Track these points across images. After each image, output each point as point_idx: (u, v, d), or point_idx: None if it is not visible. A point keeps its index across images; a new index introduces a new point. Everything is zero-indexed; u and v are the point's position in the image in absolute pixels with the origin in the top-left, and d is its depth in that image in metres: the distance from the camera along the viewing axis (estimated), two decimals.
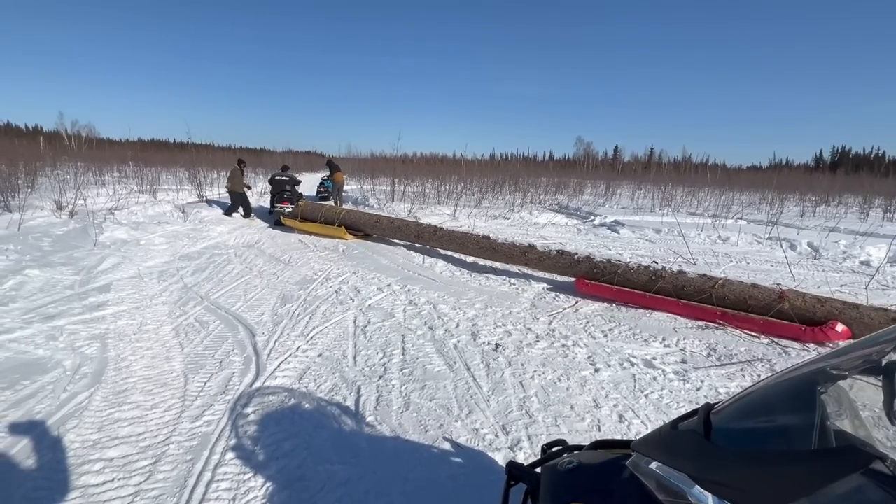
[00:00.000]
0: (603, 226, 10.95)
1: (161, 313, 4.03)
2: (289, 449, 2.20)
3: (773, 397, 0.86)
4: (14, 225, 6.87)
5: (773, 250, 8.23)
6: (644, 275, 4.78)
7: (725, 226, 10.86)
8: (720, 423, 0.88)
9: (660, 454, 0.93)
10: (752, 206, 15.94)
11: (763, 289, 4.29)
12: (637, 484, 0.97)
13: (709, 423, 0.89)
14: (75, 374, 2.86)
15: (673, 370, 3.23)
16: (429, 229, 7.05)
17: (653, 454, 0.95)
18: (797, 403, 0.80)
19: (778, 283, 4.90)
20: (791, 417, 0.80)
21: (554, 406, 2.67)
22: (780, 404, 0.84)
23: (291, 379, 2.91)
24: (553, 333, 3.85)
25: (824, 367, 0.84)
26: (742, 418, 0.87)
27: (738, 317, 4.20)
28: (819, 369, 0.84)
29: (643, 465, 0.97)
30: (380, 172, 19.30)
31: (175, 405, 2.56)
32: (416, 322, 3.99)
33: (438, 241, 6.83)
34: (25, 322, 3.60)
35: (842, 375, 0.82)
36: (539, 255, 5.56)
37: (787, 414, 0.81)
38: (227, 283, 5.04)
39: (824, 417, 0.75)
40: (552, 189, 19.12)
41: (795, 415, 0.79)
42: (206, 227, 8.67)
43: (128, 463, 2.08)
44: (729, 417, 0.88)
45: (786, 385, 0.86)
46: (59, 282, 4.69)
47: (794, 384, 0.84)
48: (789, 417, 0.80)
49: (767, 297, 4.17)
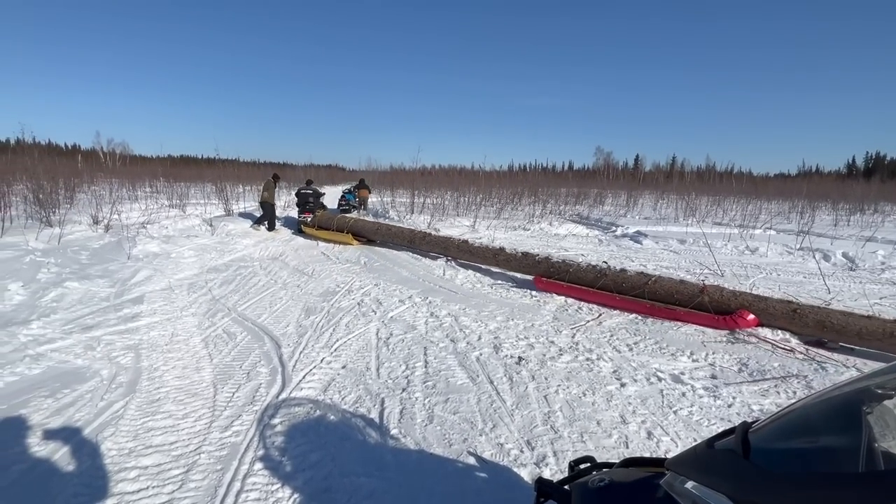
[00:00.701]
0: (625, 236, 10.78)
1: (191, 324, 4.15)
2: (315, 460, 2.22)
3: (816, 417, 0.84)
4: (55, 239, 7.22)
5: (805, 261, 7.94)
6: (591, 273, 5.33)
7: (753, 236, 10.54)
8: (760, 442, 0.86)
9: (696, 473, 0.92)
10: (780, 215, 15.44)
11: (688, 284, 4.83)
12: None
13: (747, 442, 0.87)
14: (111, 384, 2.97)
15: (703, 386, 3.14)
16: (419, 235, 8.00)
17: (688, 473, 0.94)
18: (842, 423, 0.77)
19: (702, 279, 5.63)
20: (836, 438, 0.78)
21: (580, 421, 2.63)
22: (824, 424, 0.81)
23: (316, 390, 2.95)
24: (577, 347, 3.80)
25: (869, 385, 0.82)
26: (783, 438, 0.85)
27: (665, 309, 4.67)
28: (864, 388, 0.82)
29: (678, 484, 0.95)
30: (400, 185, 19.53)
31: (205, 415, 2.63)
32: (437, 334, 4.00)
33: (427, 244, 7.69)
34: (65, 332, 3.77)
35: (887, 395, 0.80)
36: (507, 257, 6.29)
37: (832, 434, 0.79)
38: (252, 294, 5.17)
39: (871, 438, 0.73)
40: (572, 200, 18.99)
41: (841, 435, 0.77)
42: (232, 240, 8.92)
43: (161, 471, 2.14)
44: (769, 437, 0.86)
45: (829, 404, 0.83)
46: (96, 293, 4.90)
47: (839, 403, 0.82)
48: (834, 438, 0.78)
49: (691, 291, 4.67)
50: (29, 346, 3.45)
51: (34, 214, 8.98)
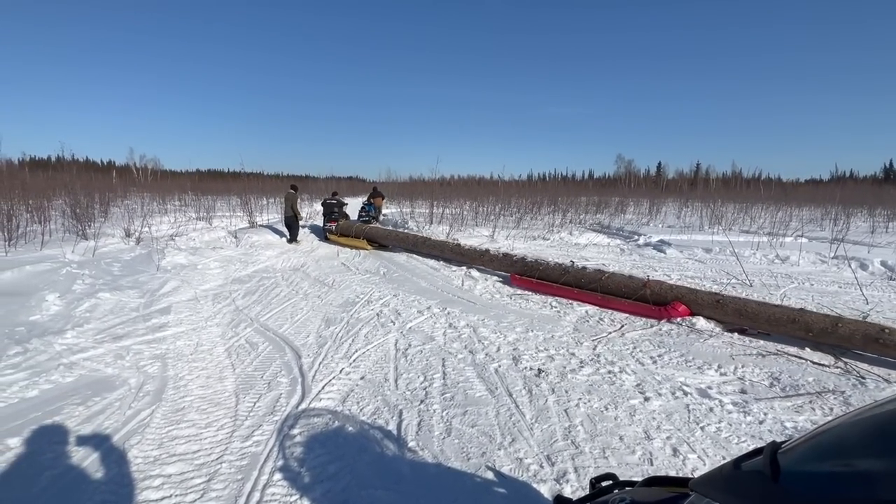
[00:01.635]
0: (648, 245, 10.56)
1: (215, 334, 4.25)
2: (333, 472, 2.23)
3: (852, 437, 0.79)
4: (90, 252, 7.54)
5: (840, 270, 7.60)
6: (557, 270, 6.07)
7: (784, 244, 10.16)
8: (790, 464, 0.81)
9: (721, 495, 0.88)
10: (813, 222, 14.87)
11: (635, 279, 5.40)
12: None
13: (776, 463, 0.83)
14: (139, 392, 3.06)
15: (731, 401, 3.02)
16: (421, 239, 9.10)
17: (713, 495, 0.89)
18: (882, 445, 0.73)
19: (647, 274, 6.13)
20: (874, 461, 0.73)
21: (601, 436, 2.56)
22: (862, 445, 0.77)
23: (335, 401, 2.97)
24: (598, 359, 3.72)
25: None
26: (816, 460, 0.80)
27: (613, 300, 5.26)
28: None
29: None
30: (419, 196, 19.69)
31: (227, 424, 2.68)
32: (456, 346, 3.98)
33: (428, 247, 8.69)
34: (97, 342, 3.91)
35: None
36: (491, 257, 7.27)
37: (870, 457, 0.74)
38: (274, 305, 5.26)
39: None
40: (592, 208, 18.75)
41: (879, 458, 0.72)
42: (255, 251, 9.14)
43: (184, 480, 2.18)
44: (800, 458, 0.82)
45: (869, 423, 0.78)
46: (127, 304, 5.08)
47: (881, 422, 0.77)
48: (872, 461, 0.74)
49: (637, 285, 5.22)
50: (63, 354, 3.59)
51: (71, 228, 9.41)
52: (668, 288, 5.05)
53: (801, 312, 4.24)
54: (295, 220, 10.63)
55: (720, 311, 4.65)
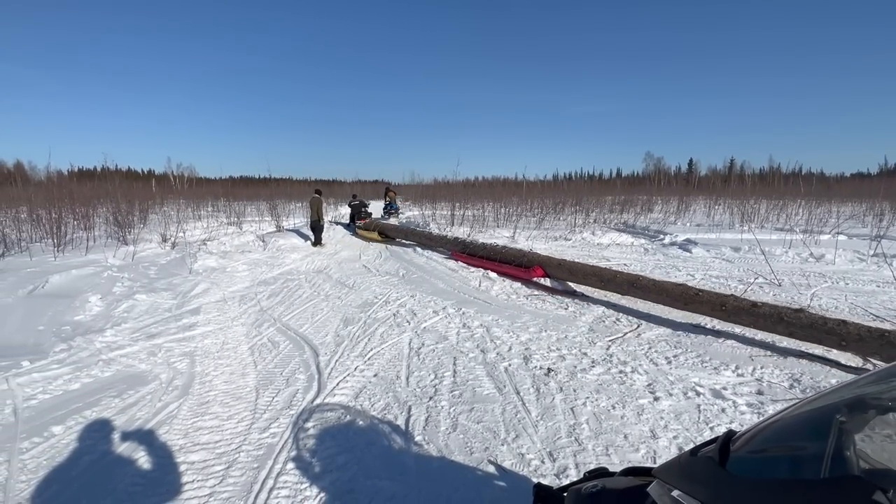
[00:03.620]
0: (673, 245, 10.30)
1: (240, 333, 4.48)
2: (342, 463, 2.34)
3: (791, 424, 0.83)
4: (129, 256, 8.03)
5: (879, 269, 7.21)
6: (481, 249, 8.20)
7: (820, 242, 9.71)
8: (736, 450, 0.86)
9: (678, 481, 0.92)
10: (854, 218, 14.11)
11: (522, 252, 7.35)
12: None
13: (726, 450, 0.87)
14: (168, 387, 3.28)
15: (746, 402, 2.96)
16: (418, 231, 11.21)
17: (672, 481, 0.94)
18: (811, 431, 0.77)
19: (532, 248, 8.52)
20: (804, 445, 0.77)
21: (606, 434, 2.57)
22: (797, 432, 0.81)
23: (348, 397, 3.09)
24: (610, 359, 3.70)
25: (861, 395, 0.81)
26: (758, 446, 0.85)
27: (501, 265, 7.27)
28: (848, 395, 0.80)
29: (665, 493, 0.96)
30: (441, 198, 19.83)
31: (247, 417, 2.84)
32: (468, 345, 4.05)
33: (417, 238, 10.82)
34: (133, 340, 4.19)
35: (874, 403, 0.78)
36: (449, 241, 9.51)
37: (801, 442, 0.79)
38: (297, 306, 5.47)
39: (842, 446, 0.72)
40: (618, 208, 18.39)
41: (808, 443, 0.76)
42: (281, 254, 9.47)
43: (206, 467, 2.35)
44: (746, 445, 0.86)
45: (806, 411, 0.82)
46: (161, 305, 5.40)
47: (815, 411, 0.81)
48: (802, 445, 0.78)
49: (520, 255, 7.13)
50: (102, 351, 3.88)
51: (113, 234, 10.03)
52: (533, 255, 6.98)
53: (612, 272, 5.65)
54: (319, 223, 10.96)
55: (562, 271, 6.28)
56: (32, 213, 9.74)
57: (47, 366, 3.55)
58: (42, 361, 3.62)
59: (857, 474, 0.67)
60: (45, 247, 8.49)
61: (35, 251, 8.06)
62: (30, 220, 9.61)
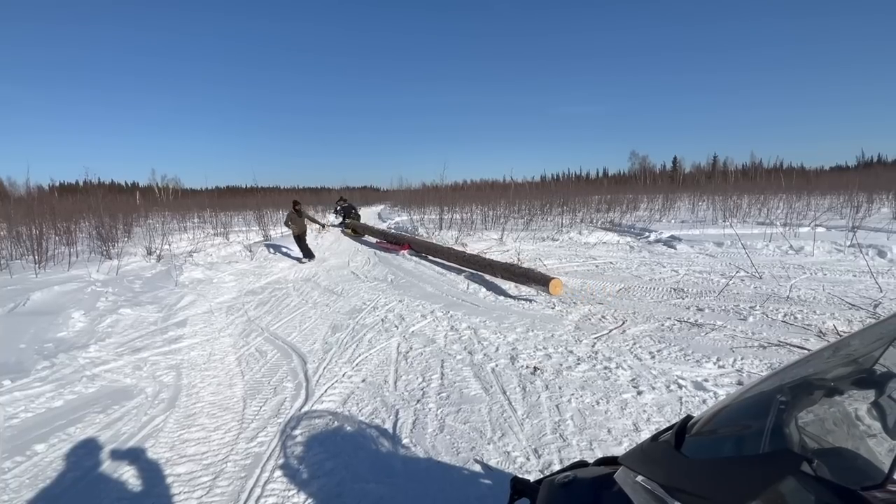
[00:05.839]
0: (658, 242, 10.46)
1: (227, 344, 4.45)
2: (330, 468, 2.36)
3: (737, 405, 0.88)
4: (113, 270, 7.92)
5: (856, 259, 7.41)
6: (420, 243, 10.05)
7: (799, 234, 9.94)
8: (691, 433, 0.90)
9: (640, 465, 0.97)
10: (832, 210, 14.47)
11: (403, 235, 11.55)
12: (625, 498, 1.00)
13: (682, 433, 0.92)
14: (154, 400, 3.25)
15: (726, 392, 3.03)
16: (378, 231, 13.40)
17: (635, 466, 0.99)
18: (753, 410, 0.82)
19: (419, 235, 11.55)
20: (745, 424, 0.82)
21: (590, 430, 2.62)
22: (741, 412, 0.86)
23: (336, 403, 3.10)
24: (595, 356, 3.76)
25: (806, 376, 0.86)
26: (709, 428, 0.89)
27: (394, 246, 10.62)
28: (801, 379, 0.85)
29: (629, 478, 1.00)
30: (429, 202, 19.88)
31: (234, 427, 2.84)
32: (456, 347, 4.08)
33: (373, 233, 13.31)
34: (118, 354, 4.15)
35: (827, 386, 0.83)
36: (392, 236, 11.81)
37: (744, 421, 0.84)
38: (284, 315, 5.46)
39: (781, 423, 0.77)
40: (604, 207, 18.61)
41: (750, 421, 0.81)
42: (269, 264, 9.43)
43: (193, 478, 2.34)
44: (698, 427, 0.91)
45: (750, 396, 0.87)
46: (146, 318, 5.34)
47: (760, 393, 0.86)
48: (744, 424, 0.83)
49: (403, 238, 10.86)
50: (86, 367, 3.83)
51: (96, 248, 9.88)
52: (412, 240, 10.40)
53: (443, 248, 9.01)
54: (301, 238, 9.96)
55: (418, 246, 9.90)
56: (12, 230, 9.55)
57: (29, 384, 3.50)
58: (24, 380, 3.57)
59: (788, 448, 0.72)
60: (26, 264, 8.33)
61: (15, 269, 7.91)
62: (10, 237, 9.43)
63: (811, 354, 0.91)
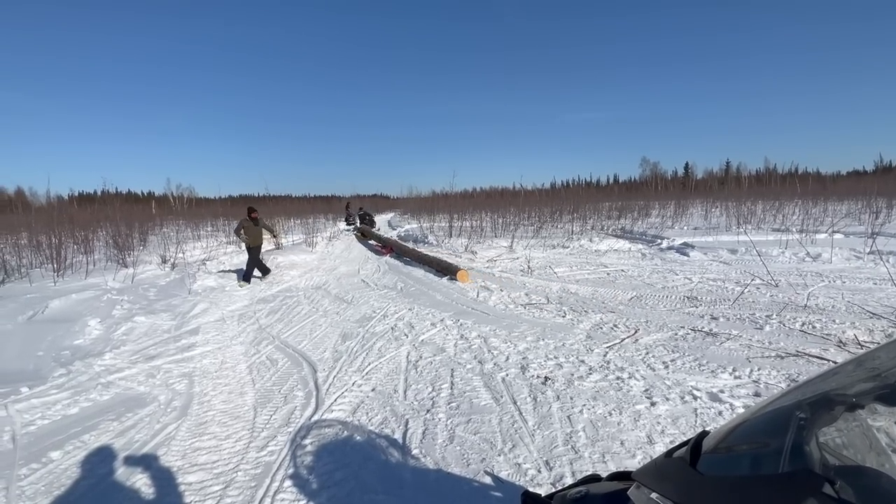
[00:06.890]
0: (671, 249, 10.33)
1: (238, 352, 4.49)
2: (339, 479, 2.35)
3: (754, 421, 0.86)
4: (129, 279, 8.07)
5: (876, 266, 7.23)
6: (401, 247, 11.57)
7: (816, 241, 9.74)
8: (706, 449, 0.88)
9: (654, 482, 0.95)
10: (850, 216, 14.15)
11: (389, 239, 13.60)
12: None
13: (697, 449, 0.90)
14: (167, 408, 3.29)
15: (743, 404, 2.96)
16: (375, 235, 15.51)
17: (649, 483, 0.96)
18: (771, 427, 0.79)
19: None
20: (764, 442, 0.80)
21: (602, 441, 2.58)
22: (756, 432, 0.83)
23: (346, 412, 3.10)
24: (608, 366, 3.71)
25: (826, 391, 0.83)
26: (725, 444, 0.87)
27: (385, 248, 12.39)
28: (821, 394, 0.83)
29: (643, 496, 0.98)
30: (439, 210, 19.93)
31: (244, 436, 2.85)
32: (466, 356, 4.06)
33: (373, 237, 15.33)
34: (132, 362, 4.21)
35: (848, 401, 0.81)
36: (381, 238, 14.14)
37: (763, 438, 0.81)
38: (295, 323, 5.49)
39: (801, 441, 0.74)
40: (615, 214, 18.46)
41: (768, 439, 0.79)
42: (280, 271, 9.51)
43: (203, 487, 2.35)
44: (714, 443, 0.88)
45: (768, 413, 0.85)
46: (160, 326, 5.42)
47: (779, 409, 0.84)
48: (763, 442, 0.80)
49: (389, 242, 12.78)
50: (101, 375, 3.89)
51: (113, 257, 10.08)
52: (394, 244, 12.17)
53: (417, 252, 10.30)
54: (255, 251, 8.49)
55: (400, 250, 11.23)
56: (32, 239, 9.80)
57: (46, 391, 3.56)
58: (41, 387, 3.63)
59: (809, 468, 0.69)
60: (45, 272, 8.54)
61: (35, 277, 8.10)
62: (30, 246, 9.67)
63: (834, 368, 0.88)
